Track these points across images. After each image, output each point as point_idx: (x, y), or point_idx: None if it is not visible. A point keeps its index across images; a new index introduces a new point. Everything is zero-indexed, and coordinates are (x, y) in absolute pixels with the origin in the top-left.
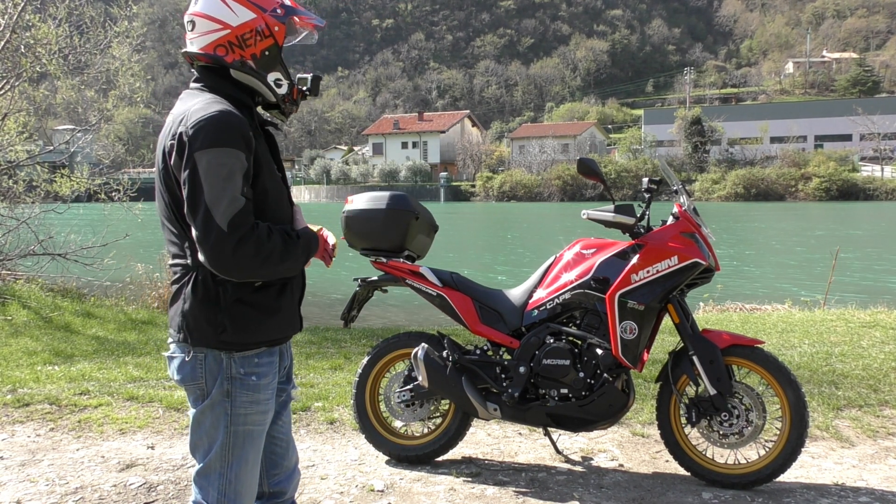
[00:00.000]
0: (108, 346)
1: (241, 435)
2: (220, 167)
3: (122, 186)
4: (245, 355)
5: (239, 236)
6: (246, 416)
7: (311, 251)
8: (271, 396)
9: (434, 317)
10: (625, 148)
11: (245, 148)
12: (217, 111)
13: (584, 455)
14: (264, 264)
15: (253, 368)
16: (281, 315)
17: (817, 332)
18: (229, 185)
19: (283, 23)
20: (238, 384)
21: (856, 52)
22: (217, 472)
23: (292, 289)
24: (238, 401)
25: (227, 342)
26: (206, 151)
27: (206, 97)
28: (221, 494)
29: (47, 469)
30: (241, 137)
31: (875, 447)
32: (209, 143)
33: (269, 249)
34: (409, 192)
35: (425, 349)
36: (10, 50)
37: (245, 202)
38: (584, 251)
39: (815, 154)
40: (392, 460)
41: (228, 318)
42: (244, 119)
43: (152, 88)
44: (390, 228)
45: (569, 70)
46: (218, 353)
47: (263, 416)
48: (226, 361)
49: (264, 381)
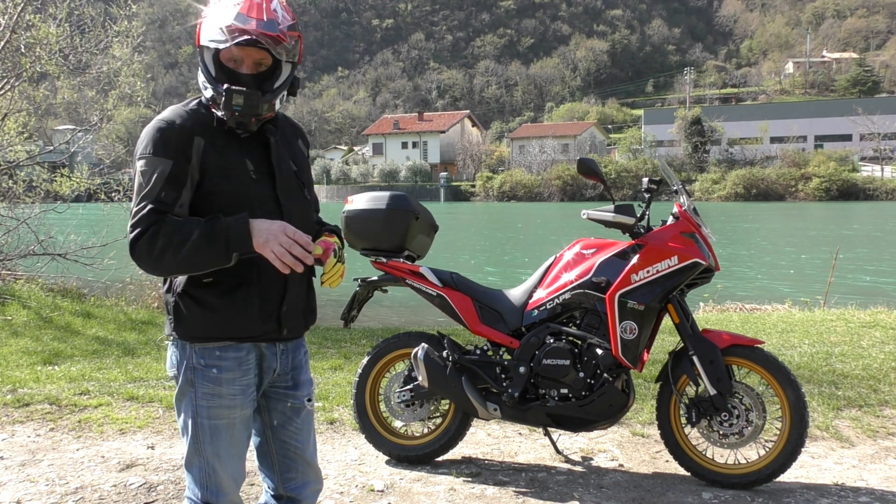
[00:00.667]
0: (108, 346)
1: (206, 428)
2: (140, 175)
3: (122, 187)
4: (206, 346)
5: (136, 234)
6: (209, 409)
7: (232, 238)
8: (239, 393)
9: (434, 317)
10: (625, 148)
11: (174, 155)
12: (153, 122)
13: (584, 455)
14: (162, 256)
15: (214, 361)
16: (227, 314)
17: (817, 332)
18: (144, 190)
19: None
20: (199, 375)
21: (856, 52)
22: (196, 465)
23: (250, 290)
24: (200, 392)
25: (179, 331)
26: (136, 161)
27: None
28: (203, 488)
29: (47, 469)
30: (170, 146)
31: (875, 447)
32: (139, 152)
33: (167, 241)
34: (409, 192)
35: (425, 349)
36: (10, 50)
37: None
38: (584, 251)
39: (815, 154)
40: (392, 460)
41: (174, 309)
42: (187, 126)
43: (152, 88)
44: (390, 228)
45: (569, 70)
46: (183, 342)
47: (229, 410)
48: (188, 350)
49: (227, 375)
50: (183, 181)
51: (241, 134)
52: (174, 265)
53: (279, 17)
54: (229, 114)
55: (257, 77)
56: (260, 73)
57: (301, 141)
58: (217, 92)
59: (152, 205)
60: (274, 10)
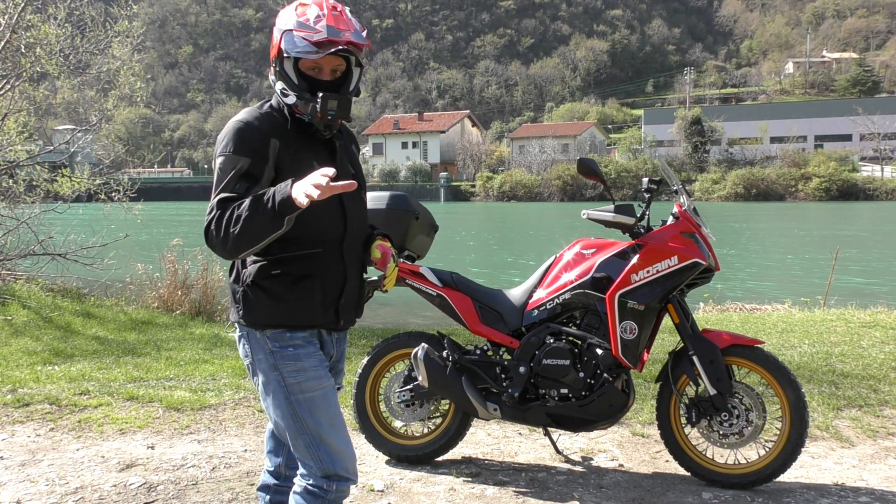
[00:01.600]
0: (108, 346)
1: (303, 403)
2: (220, 171)
3: (122, 187)
4: (276, 332)
5: (209, 219)
6: (299, 384)
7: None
8: (319, 364)
9: (434, 317)
10: (625, 148)
11: (251, 153)
12: (232, 122)
13: (584, 455)
14: (231, 230)
15: (287, 342)
16: (293, 303)
17: (817, 332)
18: (221, 185)
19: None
20: (279, 356)
21: (856, 52)
22: (303, 445)
23: (318, 281)
24: (285, 371)
25: (245, 320)
26: (217, 158)
27: (247, 109)
28: (317, 461)
29: (47, 469)
30: (248, 145)
31: (875, 447)
32: (220, 150)
33: (230, 215)
34: (409, 192)
35: (425, 349)
36: (11, 50)
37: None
38: (584, 251)
39: (815, 154)
40: (392, 460)
41: (244, 298)
42: (263, 128)
43: (152, 88)
44: (390, 228)
45: (569, 70)
46: (251, 330)
47: (317, 381)
48: (261, 336)
49: (303, 350)
50: (258, 178)
51: (320, 136)
52: (238, 240)
53: (357, 25)
54: (320, 118)
55: (334, 82)
56: (336, 79)
57: (353, 145)
58: (304, 98)
59: (225, 194)
60: (352, 20)
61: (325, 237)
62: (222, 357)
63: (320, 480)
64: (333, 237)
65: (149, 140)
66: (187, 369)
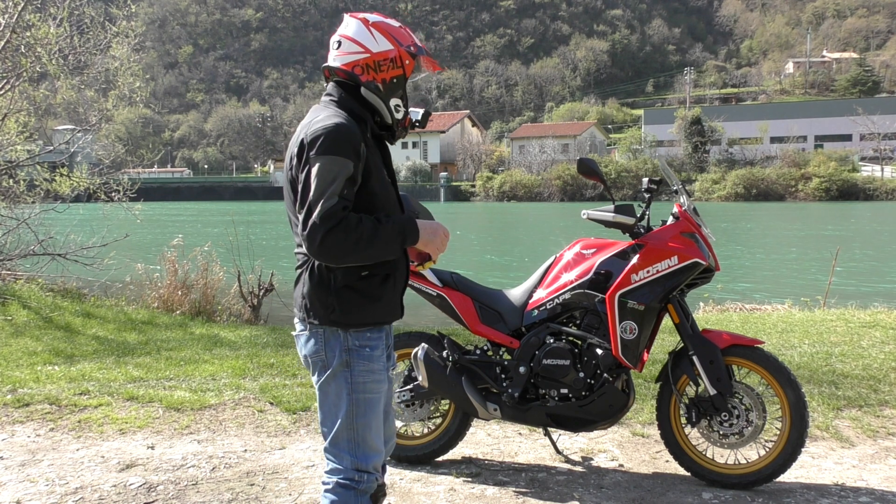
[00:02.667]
0: (108, 346)
1: (362, 402)
2: (327, 172)
3: (122, 187)
4: (359, 331)
5: (329, 227)
6: (364, 385)
7: (407, 235)
8: (384, 368)
9: (434, 317)
10: (625, 148)
11: (354, 157)
12: (335, 123)
13: (584, 455)
14: (355, 248)
15: (366, 342)
16: (384, 301)
17: (817, 332)
18: (331, 187)
19: (414, 58)
20: (355, 355)
21: (856, 52)
22: (345, 439)
23: (395, 279)
24: (356, 370)
25: (336, 321)
26: (320, 157)
27: (330, 111)
28: (354, 457)
29: (47, 469)
30: (350, 148)
31: (875, 447)
32: (323, 150)
33: (358, 235)
34: (409, 192)
35: (425, 349)
36: (10, 50)
37: (338, 200)
38: (584, 251)
39: (815, 154)
40: (392, 460)
41: (337, 301)
42: (357, 132)
43: (152, 88)
44: None
45: (569, 70)
46: (335, 328)
47: (379, 384)
48: (343, 335)
49: (377, 352)
50: (357, 181)
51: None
52: (358, 256)
53: None
54: (410, 129)
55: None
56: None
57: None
58: (408, 111)
59: (340, 203)
60: None
61: None
62: (222, 357)
63: (352, 473)
64: None
65: (149, 140)
66: (187, 369)
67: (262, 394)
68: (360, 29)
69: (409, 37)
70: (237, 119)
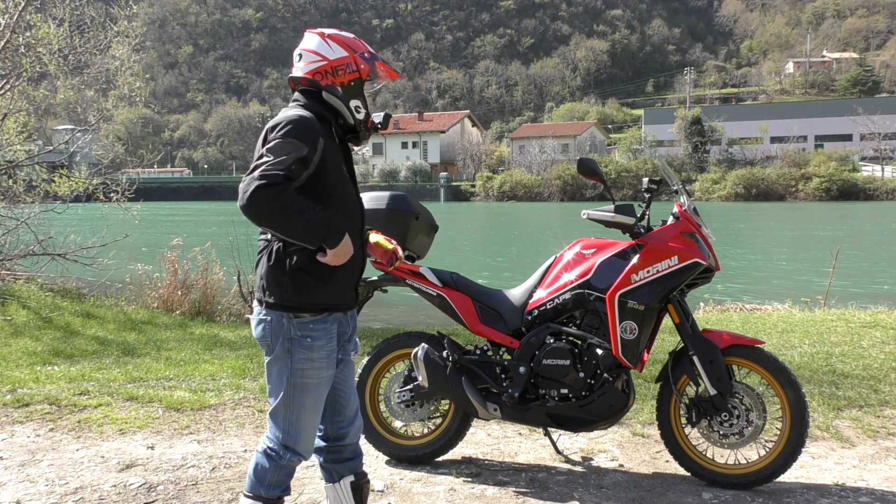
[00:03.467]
0: (107, 347)
1: (299, 386)
2: (280, 149)
3: (121, 187)
4: (302, 321)
5: (264, 183)
6: (303, 371)
7: (331, 235)
8: (327, 357)
9: (434, 317)
10: (625, 148)
11: (310, 144)
12: (297, 114)
13: (584, 455)
14: (279, 213)
15: (308, 332)
16: (336, 285)
17: (817, 332)
18: (281, 158)
19: (368, 64)
20: (296, 344)
21: (856, 52)
22: (281, 415)
23: (349, 265)
24: (297, 357)
25: (290, 300)
26: (278, 137)
27: (296, 108)
28: (285, 433)
29: (47, 469)
30: (308, 136)
31: (875, 447)
32: (283, 134)
33: (288, 202)
34: (409, 192)
35: (425, 349)
36: (11, 50)
37: (284, 170)
38: (584, 251)
39: (815, 154)
40: (392, 460)
41: (290, 281)
42: (319, 126)
43: (152, 88)
44: (390, 228)
45: (569, 70)
46: (281, 316)
47: (319, 371)
48: (286, 324)
49: (318, 343)
50: (307, 166)
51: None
52: (285, 221)
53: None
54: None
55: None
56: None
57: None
58: (369, 114)
59: (283, 172)
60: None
61: (353, 227)
62: (222, 357)
63: (280, 447)
64: (356, 225)
65: (148, 140)
66: (187, 369)
67: (262, 394)
68: (317, 41)
69: (363, 46)
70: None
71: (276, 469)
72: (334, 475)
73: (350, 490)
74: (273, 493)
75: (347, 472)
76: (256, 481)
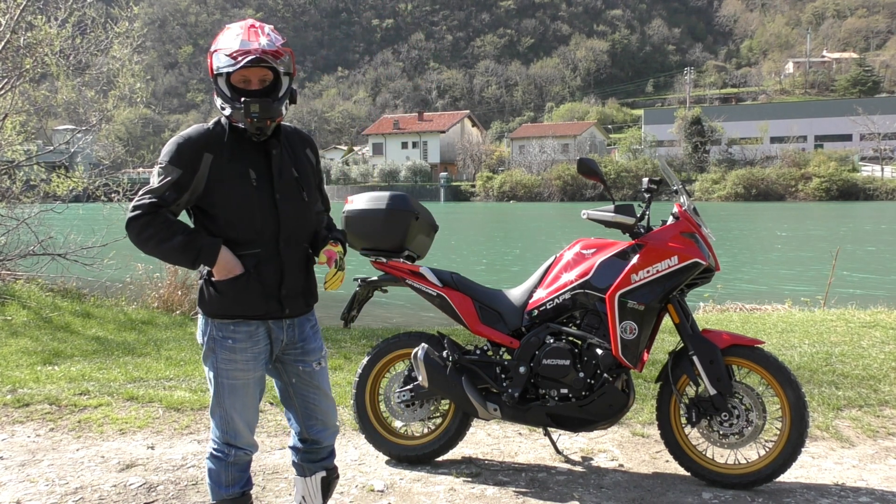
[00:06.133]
0: (107, 346)
1: (225, 386)
2: (156, 174)
3: (122, 187)
4: (223, 322)
5: (132, 215)
6: (227, 371)
7: (202, 256)
8: (253, 359)
9: (434, 317)
10: (625, 148)
11: (184, 166)
12: (179, 135)
13: (584, 455)
14: (147, 242)
15: (229, 334)
16: (230, 298)
17: (817, 332)
18: (152, 186)
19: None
20: (218, 344)
21: (856, 52)
22: (217, 415)
23: (249, 278)
24: (220, 357)
25: (206, 307)
26: (157, 162)
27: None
28: (223, 431)
29: (47, 469)
30: (181, 158)
31: (875, 447)
32: (161, 157)
33: (152, 233)
34: (409, 192)
35: (425, 349)
36: (11, 50)
37: (152, 198)
38: (584, 251)
39: (815, 154)
40: (392, 460)
41: (206, 293)
42: (200, 144)
43: (152, 88)
44: (390, 228)
45: (569, 70)
46: (206, 318)
47: (243, 373)
48: (210, 325)
49: (240, 345)
50: (185, 188)
51: (256, 140)
52: (153, 251)
53: (273, 38)
54: (249, 121)
55: (263, 90)
56: (265, 87)
57: (309, 149)
58: (235, 107)
59: (155, 199)
60: (268, 34)
61: (262, 237)
62: None
63: (223, 446)
64: (269, 236)
65: (149, 140)
66: (187, 369)
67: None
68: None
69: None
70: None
71: (226, 468)
72: (307, 472)
73: (320, 485)
74: (233, 491)
75: (320, 469)
76: (214, 485)
